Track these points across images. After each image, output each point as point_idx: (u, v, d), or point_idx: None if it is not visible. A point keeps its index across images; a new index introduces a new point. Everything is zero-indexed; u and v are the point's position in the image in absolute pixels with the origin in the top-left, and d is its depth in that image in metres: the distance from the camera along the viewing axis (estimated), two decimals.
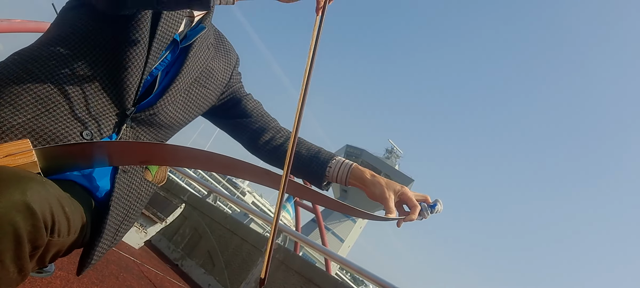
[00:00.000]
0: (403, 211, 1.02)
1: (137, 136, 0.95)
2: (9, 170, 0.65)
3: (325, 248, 4.99)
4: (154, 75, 0.95)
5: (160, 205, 4.32)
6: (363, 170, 1.06)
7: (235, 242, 4.07)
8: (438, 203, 1.02)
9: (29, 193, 0.62)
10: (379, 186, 1.02)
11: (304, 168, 1.10)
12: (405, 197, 1.00)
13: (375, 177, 1.04)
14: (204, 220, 4.49)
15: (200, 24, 1.03)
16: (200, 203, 4.79)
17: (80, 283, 2.20)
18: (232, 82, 1.15)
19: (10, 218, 0.59)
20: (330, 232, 50.26)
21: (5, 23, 2.83)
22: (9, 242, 0.60)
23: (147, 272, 3.29)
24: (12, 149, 0.69)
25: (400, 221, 1.00)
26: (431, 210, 1.01)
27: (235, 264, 3.86)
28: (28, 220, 0.61)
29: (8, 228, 0.59)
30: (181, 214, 4.32)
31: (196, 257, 4.21)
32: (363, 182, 1.05)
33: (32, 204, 0.61)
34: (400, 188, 1.01)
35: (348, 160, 1.09)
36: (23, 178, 0.63)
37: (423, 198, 1.02)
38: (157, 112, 0.95)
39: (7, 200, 0.59)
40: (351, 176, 1.06)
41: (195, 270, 4.07)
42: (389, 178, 1.04)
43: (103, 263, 2.73)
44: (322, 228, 8.81)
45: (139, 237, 3.98)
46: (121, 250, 3.42)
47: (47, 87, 0.84)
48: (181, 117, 1.02)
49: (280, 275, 3.51)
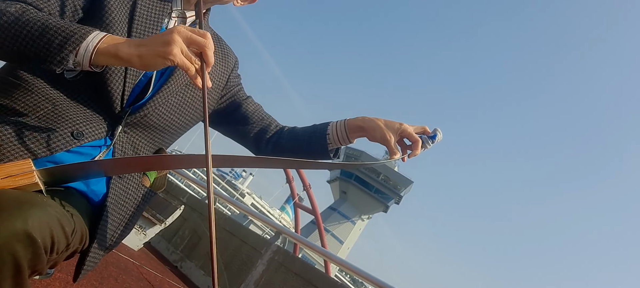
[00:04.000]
0: (405, 146, 1.03)
1: (133, 141, 0.95)
2: (11, 194, 0.65)
3: (325, 250, 4.99)
4: (149, 76, 0.94)
5: (159, 206, 4.31)
6: (357, 118, 1.07)
7: (234, 243, 4.07)
8: (437, 132, 1.03)
9: (30, 221, 0.62)
10: (378, 129, 1.01)
11: (307, 147, 1.11)
12: (405, 133, 1.01)
13: (373, 121, 1.03)
14: (203, 222, 4.49)
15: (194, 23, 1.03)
16: (200, 205, 4.78)
17: (79, 285, 2.19)
18: (231, 84, 1.14)
19: (11, 248, 0.60)
20: (329, 233, 50.16)
21: None
22: (9, 270, 0.61)
23: (146, 273, 3.29)
24: (13, 170, 0.68)
25: (405, 158, 1.01)
26: (432, 140, 1.02)
27: (235, 266, 3.86)
28: (28, 248, 0.62)
29: (8, 258, 0.60)
30: (180, 216, 4.31)
31: (195, 258, 4.21)
32: (362, 130, 1.05)
33: (33, 233, 0.62)
34: (400, 126, 1.01)
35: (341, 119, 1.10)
36: (24, 204, 0.63)
37: (422, 130, 1.03)
38: (148, 113, 0.94)
39: (8, 230, 0.60)
40: (350, 129, 1.07)
41: (195, 271, 4.07)
42: (388, 179, 1.04)
43: (102, 265, 2.72)
44: (322, 230, 8.80)
45: (138, 239, 3.97)
46: (120, 252, 3.42)
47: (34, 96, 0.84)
48: (177, 119, 1.01)
49: (279, 276, 3.50)
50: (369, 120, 1.04)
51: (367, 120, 1.04)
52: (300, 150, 1.12)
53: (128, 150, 0.94)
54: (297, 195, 9.79)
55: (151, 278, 3.25)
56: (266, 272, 3.60)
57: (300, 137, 1.12)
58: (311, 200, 9.60)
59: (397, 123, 1.01)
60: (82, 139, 0.85)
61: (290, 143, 1.12)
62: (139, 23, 0.92)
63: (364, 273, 3.36)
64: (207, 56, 0.76)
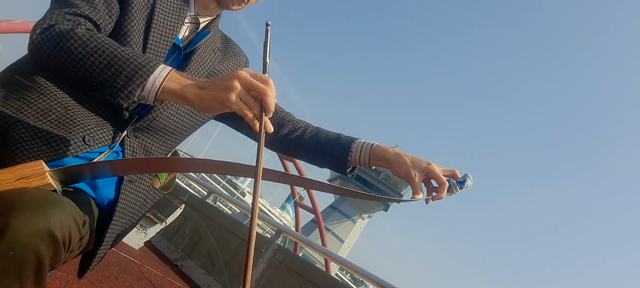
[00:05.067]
0: (431, 187, 0.99)
1: (145, 144, 0.95)
2: (32, 193, 0.66)
3: (325, 248, 4.99)
4: None
5: (160, 205, 4.31)
6: (385, 149, 1.02)
7: (235, 242, 4.07)
8: (468, 178, 0.98)
9: (52, 220, 0.63)
10: (404, 165, 0.98)
11: (326, 157, 1.07)
12: (432, 174, 0.96)
13: (400, 156, 1.00)
14: (203, 221, 4.49)
15: (206, 29, 1.03)
16: (200, 204, 4.79)
17: (80, 284, 2.20)
18: None
19: (35, 246, 0.61)
20: (330, 232, 50.23)
21: (5, 24, 2.83)
22: (31, 268, 0.62)
23: (147, 272, 3.29)
24: (25, 171, 0.68)
25: (429, 200, 0.97)
26: (460, 186, 0.97)
27: (235, 265, 3.86)
28: (50, 246, 0.63)
29: (31, 257, 0.61)
30: (181, 215, 4.31)
31: (196, 257, 4.21)
32: (387, 162, 1.01)
33: (55, 231, 0.63)
34: (427, 166, 0.97)
35: (369, 141, 1.05)
36: (46, 203, 0.64)
37: (451, 173, 0.98)
38: (156, 116, 0.94)
39: (32, 228, 0.60)
40: (374, 156, 1.02)
41: (195, 270, 4.07)
42: (389, 178, 1.03)
43: (103, 264, 2.73)
44: (322, 229, 8.80)
45: (139, 238, 3.98)
46: (121, 251, 3.42)
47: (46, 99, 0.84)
48: (186, 121, 1.01)
49: (280, 275, 3.50)
50: (396, 154, 1.00)
51: (394, 155, 1.00)
52: (318, 157, 1.09)
53: (140, 154, 0.94)
54: (297, 194, 9.79)
55: (152, 277, 3.26)
56: (267, 271, 3.61)
57: (322, 144, 1.08)
58: (312, 199, 9.60)
59: (425, 162, 0.97)
60: (93, 145, 0.85)
61: (311, 148, 1.09)
62: (156, 31, 0.93)
63: (364, 272, 3.36)
64: (266, 104, 0.73)
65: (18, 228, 0.59)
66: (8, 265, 0.59)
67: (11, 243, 0.59)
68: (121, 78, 0.75)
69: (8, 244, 0.58)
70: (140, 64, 0.76)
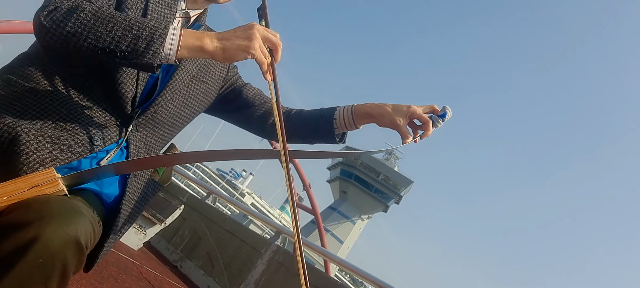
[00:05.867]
0: (416, 127, 1.03)
1: (146, 138, 0.97)
2: (58, 201, 0.67)
3: (325, 249, 4.99)
4: (155, 77, 0.96)
5: (159, 206, 4.31)
6: (365, 105, 1.06)
7: (234, 243, 4.07)
8: (447, 110, 1.03)
9: (79, 228, 0.64)
10: (387, 115, 1.01)
11: (313, 131, 1.12)
12: (414, 115, 1.01)
13: (381, 107, 1.03)
14: (203, 222, 4.49)
15: (196, 22, 1.05)
16: (200, 205, 4.79)
17: (79, 285, 2.19)
18: (230, 74, 1.17)
19: (63, 255, 0.62)
20: (329, 233, 50.21)
21: (5, 24, 2.83)
22: (57, 276, 0.63)
23: (146, 273, 3.29)
24: (37, 180, 0.69)
25: (417, 140, 1.02)
26: (442, 119, 1.02)
27: (235, 266, 3.86)
28: (76, 255, 0.64)
29: (59, 265, 0.62)
30: (180, 215, 4.31)
31: (195, 258, 4.21)
32: (370, 116, 1.05)
33: (81, 240, 0.64)
34: (408, 109, 1.01)
35: (349, 104, 1.10)
36: (72, 212, 0.65)
37: (431, 109, 1.03)
38: (157, 110, 0.96)
39: (62, 238, 0.61)
40: (356, 115, 1.06)
41: (195, 271, 4.07)
42: (388, 179, 1.04)
43: (102, 265, 2.72)
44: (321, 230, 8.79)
45: (138, 239, 3.97)
46: (120, 252, 3.42)
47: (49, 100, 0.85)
48: (183, 113, 1.03)
49: (279, 276, 3.50)
50: (377, 106, 1.04)
51: (375, 107, 1.04)
52: (307, 132, 1.13)
53: (141, 148, 0.96)
54: (297, 194, 9.79)
55: (151, 278, 3.25)
56: (266, 272, 3.61)
57: (308, 120, 1.13)
58: (311, 199, 9.58)
59: (405, 106, 1.01)
60: (100, 144, 0.87)
61: (297, 126, 1.13)
62: None
63: (363, 273, 3.36)
64: (277, 53, 0.84)
65: (49, 237, 0.60)
66: (36, 274, 0.60)
67: (41, 252, 0.59)
68: (142, 40, 0.76)
69: (37, 254, 0.59)
70: (155, 25, 0.78)
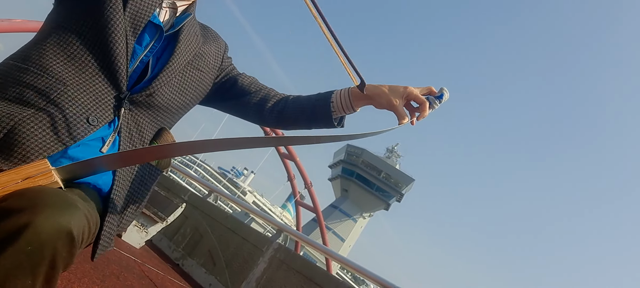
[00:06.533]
0: (412, 109, 1.02)
1: (137, 119, 0.97)
2: (52, 192, 0.66)
3: (326, 247, 4.99)
4: (145, 62, 0.97)
5: (161, 204, 4.32)
6: None
7: (236, 241, 4.07)
8: (444, 91, 1.02)
9: (73, 220, 0.64)
10: (384, 96, 1.01)
11: (311, 115, 1.11)
12: (411, 96, 1.00)
13: (378, 88, 1.02)
14: (204, 220, 4.49)
15: (185, 13, 1.06)
16: (201, 203, 4.79)
17: (81, 283, 2.20)
18: (225, 64, 1.17)
19: (53, 245, 0.61)
20: (331, 231, 50.21)
21: (6, 23, 2.84)
22: (45, 266, 0.62)
23: (148, 271, 3.29)
24: (31, 171, 0.69)
25: (414, 121, 1.01)
26: (439, 100, 1.02)
27: (236, 264, 3.86)
28: (66, 246, 0.63)
29: (48, 255, 0.61)
30: (182, 214, 4.32)
31: (197, 256, 4.21)
32: (367, 98, 1.04)
33: (74, 232, 0.63)
34: (404, 90, 1.00)
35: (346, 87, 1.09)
36: (66, 203, 0.65)
37: (428, 91, 1.02)
38: (153, 92, 0.96)
39: (53, 227, 0.61)
40: (353, 97, 1.06)
41: (196, 269, 4.08)
42: (389, 177, 1.04)
43: (104, 263, 2.73)
44: (323, 228, 8.79)
45: (140, 237, 3.98)
46: (122, 250, 3.42)
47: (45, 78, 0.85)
48: (178, 99, 1.04)
49: (281, 274, 3.50)
50: (373, 87, 1.03)
51: (371, 88, 1.03)
52: (305, 118, 1.12)
53: (133, 130, 0.96)
54: (298, 193, 9.78)
55: (153, 276, 3.26)
56: (268, 270, 3.61)
57: (305, 105, 1.12)
58: (312, 198, 9.59)
59: (402, 87, 1.00)
60: (97, 125, 0.87)
61: (295, 111, 1.13)
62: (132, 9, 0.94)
63: (365, 271, 3.36)
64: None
65: (40, 225, 0.60)
66: (24, 261, 0.60)
67: (31, 239, 0.59)
68: None
69: (28, 240, 0.59)
70: None
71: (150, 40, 0.98)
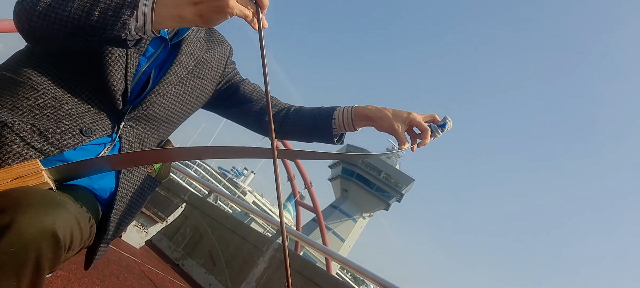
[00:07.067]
0: (414, 135, 1.02)
1: (139, 134, 0.97)
2: (38, 192, 0.65)
3: (326, 247, 4.99)
4: (147, 74, 0.96)
5: (161, 204, 4.31)
6: (365, 107, 1.05)
7: (236, 241, 4.07)
8: (447, 121, 1.02)
9: (57, 221, 0.62)
10: (386, 119, 1.00)
11: (312, 130, 1.10)
12: (414, 122, 0.99)
13: (381, 110, 1.02)
14: (204, 220, 4.49)
15: None
16: (201, 203, 4.79)
17: (81, 283, 2.19)
18: (227, 70, 1.16)
19: (36, 245, 0.60)
20: (330, 231, 50.20)
21: (6, 22, 2.83)
22: (30, 268, 0.60)
23: (148, 271, 3.29)
24: (22, 171, 0.68)
25: (414, 147, 1.00)
26: (441, 129, 1.01)
27: (236, 264, 3.86)
28: (51, 248, 0.62)
29: (32, 256, 0.60)
30: (182, 214, 4.31)
31: (197, 256, 4.21)
32: (369, 119, 1.04)
33: (59, 233, 0.62)
34: (408, 116, 0.99)
35: (349, 105, 1.08)
36: (52, 203, 0.63)
37: (431, 118, 1.01)
38: (149, 105, 0.95)
39: (36, 228, 0.59)
40: (356, 117, 1.05)
41: (196, 269, 4.07)
42: (389, 177, 1.04)
43: (104, 263, 2.73)
44: (323, 228, 8.79)
45: (140, 237, 3.98)
46: (122, 250, 3.42)
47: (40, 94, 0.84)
48: (178, 109, 1.03)
49: (280, 274, 3.50)
50: (377, 109, 1.02)
51: (375, 110, 1.02)
52: (305, 131, 1.11)
53: (135, 144, 0.95)
54: (298, 193, 9.78)
55: (153, 276, 3.26)
56: (268, 270, 3.61)
57: (306, 119, 1.11)
58: (312, 198, 9.59)
59: (405, 112, 1.00)
60: (90, 136, 0.85)
61: (295, 124, 1.12)
62: None
63: (365, 271, 3.35)
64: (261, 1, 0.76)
65: (23, 225, 0.58)
66: (8, 262, 0.58)
67: (14, 240, 0.58)
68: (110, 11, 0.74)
69: (10, 241, 0.58)
70: None
71: (154, 51, 0.97)
